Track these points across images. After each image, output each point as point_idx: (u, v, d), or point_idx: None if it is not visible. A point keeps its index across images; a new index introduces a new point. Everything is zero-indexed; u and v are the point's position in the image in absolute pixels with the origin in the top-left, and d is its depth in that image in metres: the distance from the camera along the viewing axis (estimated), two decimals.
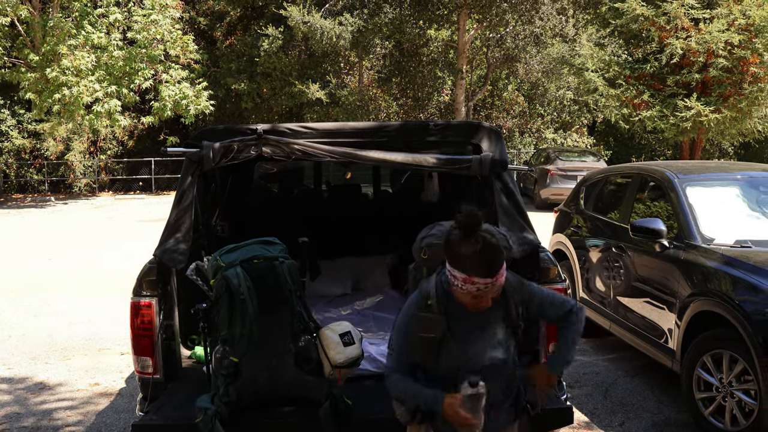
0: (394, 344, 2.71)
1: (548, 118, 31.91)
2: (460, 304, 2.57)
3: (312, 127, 4.17)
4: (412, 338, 2.64)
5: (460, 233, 2.45)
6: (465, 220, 2.44)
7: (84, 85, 21.43)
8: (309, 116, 27.41)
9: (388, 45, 27.65)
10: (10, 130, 29.14)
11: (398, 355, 2.70)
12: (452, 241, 2.47)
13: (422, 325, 2.61)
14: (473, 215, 2.44)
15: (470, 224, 2.44)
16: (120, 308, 6.87)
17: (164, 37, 23.63)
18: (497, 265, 2.46)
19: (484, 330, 2.66)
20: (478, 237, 2.43)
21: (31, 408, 5.80)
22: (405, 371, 2.68)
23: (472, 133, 4.23)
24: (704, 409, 5.02)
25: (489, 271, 2.44)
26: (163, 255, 3.90)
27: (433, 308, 2.62)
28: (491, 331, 2.67)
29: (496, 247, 2.46)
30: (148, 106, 24.63)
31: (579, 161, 21.76)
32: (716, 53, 19.78)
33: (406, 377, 2.67)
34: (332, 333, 3.77)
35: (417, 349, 2.64)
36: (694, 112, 20.09)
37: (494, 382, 2.61)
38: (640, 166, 7.36)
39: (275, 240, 3.83)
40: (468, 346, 2.64)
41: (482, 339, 2.65)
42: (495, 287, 2.49)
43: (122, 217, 20.03)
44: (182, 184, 4.04)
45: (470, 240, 2.43)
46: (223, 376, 3.56)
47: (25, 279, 11.19)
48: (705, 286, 5.10)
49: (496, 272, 2.46)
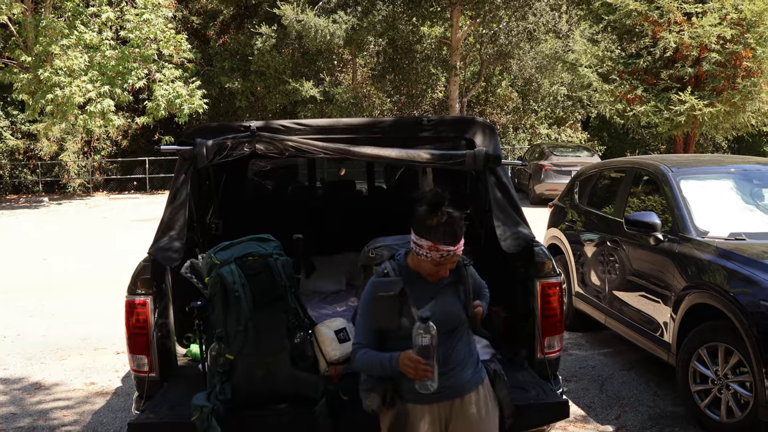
0: (358, 321, 3.03)
1: (542, 114, 31.92)
2: (416, 274, 2.97)
3: (305, 124, 4.17)
4: (373, 306, 2.93)
5: (427, 208, 2.84)
6: (432, 197, 2.86)
7: (77, 85, 21.37)
8: (303, 114, 27.37)
9: (381, 42, 27.62)
10: (4, 131, 29.05)
11: (362, 329, 2.98)
12: (421, 215, 2.86)
13: (381, 287, 2.93)
14: (439, 193, 2.87)
15: (436, 200, 2.84)
16: (115, 307, 6.86)
17: (157, 36, 23.56)
18: (458, 235, 2.85)
19: (437, 299, 2.96)
20: (443, 211, 2.83)
21: (27, 408, 5.79)
22: (369, 344, 2.94)
23: (465, 128, 4.23)
24: (700, 401, 5.03)
25: (452, 240, 2.82)
26: (158, 253, 3.89)
27: (389, 275, 2.98)
28: (444, 299, 2.97)
29: (458, 220, 2.86)
30: (142, 106, 24.57)
31: (573, 156, 21.79)
32: (709, 47, 19.85)
33: (370, 350, 2.93)
34: (327, 330, 3.77)
35: (378, 313, 2.92)
36: (688, 106, 20.16)
37: (448, 338, 2.93)
38: (634, 160, 7.37)
39: (270, 237, 3.83)
40: (423, 310, 2.89)
41: (436, 305, 2.93)
42: (454, 256, 2.86)
43: (117, 217, 20.00)
44: (176, 181, 4.03)
45: (436, 213, 2.82)
46: (219, 374, 3.56)
47: (20, 279, 11.16)
48: (700, 278, 5.11)
49: (457, 241, 2.84)
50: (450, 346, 2.95)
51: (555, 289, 4.01)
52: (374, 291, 2.93)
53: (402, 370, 2.78)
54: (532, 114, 31.96)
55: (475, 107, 32.04)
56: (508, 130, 32.31)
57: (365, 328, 2.97)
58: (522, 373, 4.01)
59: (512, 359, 4.17)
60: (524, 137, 32.41)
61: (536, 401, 3.65)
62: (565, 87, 28.82)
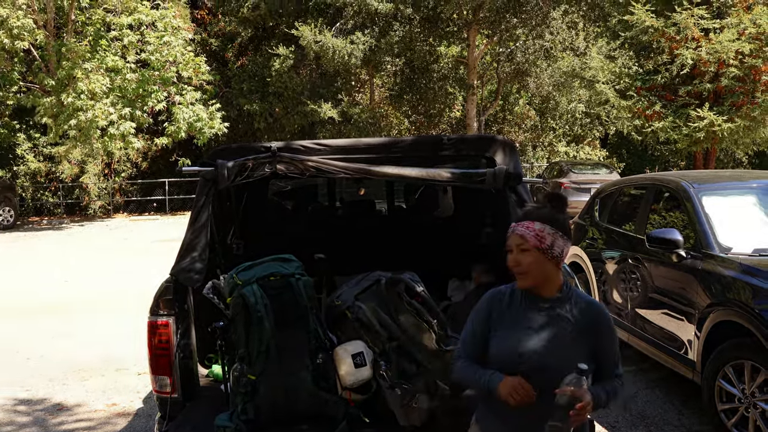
0: (465, 330, 2.82)
1: (560, 132, 31.87)
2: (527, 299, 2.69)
3: (326, 144, 4.18)
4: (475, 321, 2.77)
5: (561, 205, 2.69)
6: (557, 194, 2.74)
7: (99, 108, 21.59)
8: (321, 134, 27.51)
9: (398, 62, 27.76)
10: (26, 154, 29.37)
11: (467, 339, 2.79)
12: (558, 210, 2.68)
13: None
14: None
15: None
16: (137, 328, 6.87)
17: (176, 58, 23.79)
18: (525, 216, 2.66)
19: (543, 330, 2.61)
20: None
21: (50, 429, 5.81)
22: (471, 356, 2.75)
23: (485, 146, 4.22)
24: (727, 420, 4.96)
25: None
26: (180, 274, 3.90)
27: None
28: (552, 333, 2.60)
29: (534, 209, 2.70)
30: (161, 128, 24.77)
31: (592, 174, 21.69)
32: (727, 63, 19.72)
33: (470, 363, 2.73)
34: (345, 353, 3.75)
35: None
36: (707, 122, 20.01)
37: (542, 391, 2.48)
38: (654, 176, 7.34)
39: (291, 257, 3.83)
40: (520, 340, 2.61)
41: (538, 338, 2.59)
42: (514, 236, 2.64)
43: (138, 238, 20.11)
44: (197, 203, 4.05)
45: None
46: (242, 394, 3.56)
47: (42, 301, 11.23)
48: (724, 295, 5.06)
49: (539, 221, 2.61)
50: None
51: None
52: (488, 299, 2.76)
53: (501, 391, 2.52)
54: (550, 132, 31.92)
55: (492, 126, 32.04)
56: (527, 148, 32.26)
57: (470, 339, 2.77)
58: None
59: None
60: (543, 155, 32.34)
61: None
62: (582, 104, 28.78)
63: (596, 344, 2.60)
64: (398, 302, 3.85)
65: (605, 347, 2.63)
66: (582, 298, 2.67)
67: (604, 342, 2.62)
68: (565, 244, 2.61)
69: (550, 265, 2.59)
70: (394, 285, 3.94)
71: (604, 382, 2.64)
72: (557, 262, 2.60)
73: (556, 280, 2.64)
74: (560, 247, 2.59)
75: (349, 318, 3.86)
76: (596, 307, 2.66)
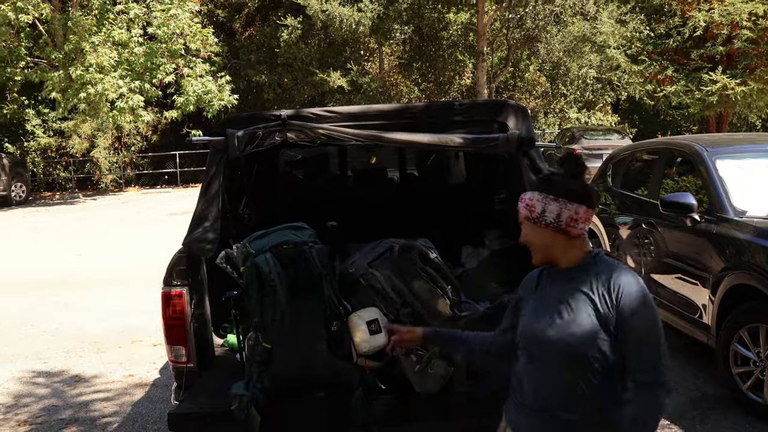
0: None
1: (571, 98, 31.60)
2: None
3: (336, 111, 4.15)
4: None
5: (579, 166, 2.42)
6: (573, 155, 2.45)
7: (108, 82, 21.55)
8: (331, 104, 27.41)
9: (407, 30, 27.52)
10: (36, 129, 29.41)
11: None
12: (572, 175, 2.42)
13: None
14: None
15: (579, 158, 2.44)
16: (151, 300, 6.92)
17: (184, 31, 23.67)
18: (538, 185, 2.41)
19: (554, 305, 2.34)
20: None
21: (68, 400, 5.86)
22: (500, 331, 2.66)
23: (497, 111, 4.18)
24: (742, 383, 4.96)
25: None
26: (192, 244, 3.90)
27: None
28: (563, 308, 2.31)
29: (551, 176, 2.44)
30: (170, 101, 24.73)
31: (604, 140, 21.54)
32: (740, 24, 19.47)
33: (486, 335, 2.72)
34: (360, 320, 3.74)
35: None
36: (720, 85, 19.84)
37: (548, 373, 2.31)
38: (667, 140, 7.27)
39: (304, 225, 3.82)
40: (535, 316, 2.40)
41: (548, 314, 2.35)
42: (520, 207, 2.39)
43: (150, 211, 20.18)
44: (208, 173, 4.04)
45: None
46: (257, 363, 3.56)
47: (57, 275, 11.31)
48: (738, 259, 5.03)
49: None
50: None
51: None
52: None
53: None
54: (561, 98, 31.67)
55: (503, 93, 31.83)
56: (538, 115, 32.05)
57: (506, 313, 2.64)
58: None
59: None
60: (554, 121, 32.12)
61: None
62: (593, 69, 28.51)
63: (618, 325, 2.21)
64: (412, 269, 3.84)
65: (627, 332, 2.20)
66: (607, 268, 2.29)
67: (626, 324, 2.19)
68: (562, 208, 2.29)
69: (548, 233, 2.33)
70: (408, 252, 3.92)
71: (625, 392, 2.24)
72: (557, 228, 2.31)
73: (571, 250, 2.34)
74: (553, 212, 2.30)
75: (362, 285, 3.85)
76: (621, 279, 2.24)
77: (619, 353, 2.21)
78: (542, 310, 2.36)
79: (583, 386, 2.23)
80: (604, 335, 2.21)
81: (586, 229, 2.36)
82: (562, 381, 2.26)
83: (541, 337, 2.30)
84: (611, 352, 2.21)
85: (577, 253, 2.35)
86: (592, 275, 2.30)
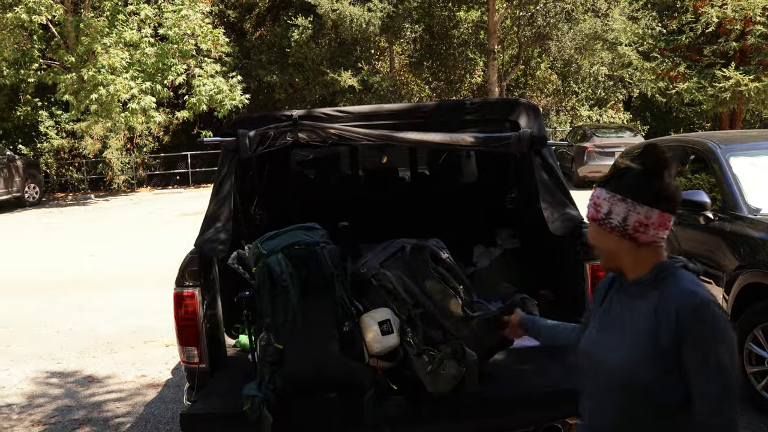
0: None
1: (583, 95, 31.47)
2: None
3: (347, 111, 4.14)
4: None
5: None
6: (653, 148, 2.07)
7: (120, 83, 21.64)
8: (342, 104, 27.40)
9: (417, 29, 27.49)
10: (49, 131, 29.55)
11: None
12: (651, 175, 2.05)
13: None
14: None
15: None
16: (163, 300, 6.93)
17: (195, 31, 23.74)
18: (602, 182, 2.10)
19: (610, 322, 2.12)
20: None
21: (81, 401, 5.89)
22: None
23: (509, 110, 4.16)
24: (756, 383, 4.92)
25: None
26: (204, 245, 3.90)
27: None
28: (619, 326, 2.08)
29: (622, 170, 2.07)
30: (182, 101, 24.79)
31: (616, 137, 21.41)
32: (754, 20, 19.35)
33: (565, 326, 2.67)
34: (371, 320, 3.73)
35: None
36: (733, 81, 19.72)
37: (601, 395, 2.11)
38: (680, 137, 7.24)
39: (316, 226, 3.81)
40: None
41: (602, 332, 2.14)
42: (588, 205, 2.11)
43: (162, 212, 20.24)
44: (220, 173, 4.05)
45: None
46: (269, 364, 3.55)
47: (70, 275, 11.37)
48: (753, 257, 4.99)
49: (599, 186, 2.09)
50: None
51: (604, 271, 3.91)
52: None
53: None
54: (573, 96, 31.54)
55: (514, 91, 31.74)
56: (549, 113, 31.94)
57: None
58: (573, 358, 3.93)
59: None
60: (565, 119, 32.00)
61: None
62: (605, 67, 28.38)
63: (682, 354, 1.91)
64: (424, 269, 3.83)
65: (691, 363, 1.90)
66: (678, 289, 1.96)
67: (690, 355, 1.90)
68: (630, 210, 1.98)
69: (613, 237, 2.04)
70: (420, 252, 3.91)
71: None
72: (623, 233, 2.01)
73: (639, 260, 2.04)
74: (620, 214, 2.00)
75: (374, 285, 3.84)
76: (689, 302, 1.92)
77: (683, 389, 1.93)
78: (603, 326, 2.13)
79: (634, 417, 2.00)
80: (662, 367, 1.93)
81: (663, 236, 2.02)
82: (613, 408, 2.06)
83: (596, 357, 2.10)
84: (671, 386, 1.94)
85: (646, 265, 2.04)
86: (658, 295, 1.99)
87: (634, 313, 2.03)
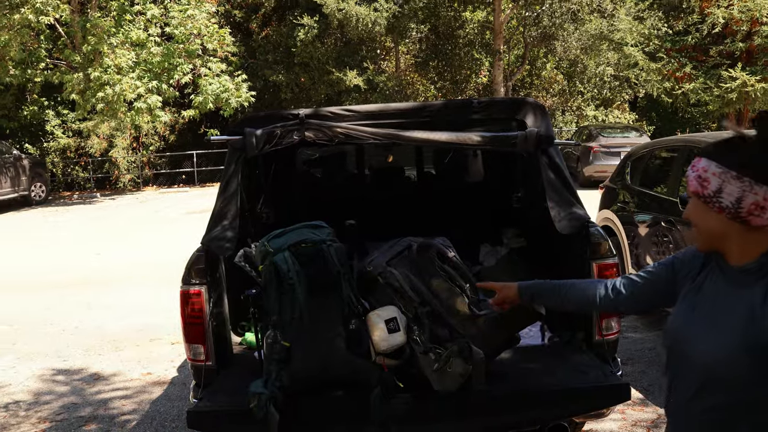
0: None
1: (588, 96, 31.44)
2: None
3: (354, 110, 4.15)
4: None
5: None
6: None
7: (126, 82, 21.68)
8: (348, 103, 27.39)
9: (423, 29, 27.51)
10: (55, 130, 29.62)
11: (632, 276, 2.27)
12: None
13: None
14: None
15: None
16: (169, 299, 6.95)
17: (201, 31, 23.76)
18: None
19: (707, 308, 1.89)
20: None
21: (87, 398, 5.90)
22: (622, 284, 2.27)
23: (516, 109, 4.16)
24: None
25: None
26: (211, 243, 3.91)
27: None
28: (717, 314, 1.85)
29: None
30: (188, 101, 24.82)
31: (622, 137, 21.37)
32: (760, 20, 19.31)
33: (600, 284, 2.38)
34: (378, 318, 3.73)
35: None
36: (740, 82, 19.69)
37: (685, 385, 1.92)
38: (686, 138, 7.22)
39: (322, 224, 3.82)
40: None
41: (698, 318, 1.90)
42: (690, 177, 1.83)
43: (168, 210, 20.26)
44: (226, 172, 4.05)
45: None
46: (275, 361, 3.56)
47: (76, 274, 11.39)
48: None
49: (705, 155, 1.81)
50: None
51: (611, 270, 3.91)
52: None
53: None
54: (579, 96, 31.52)
55: (520, 91, 31.72)
56: (555, 113, 31.91)
57: (641, 274, 2.21)
58: (581, 356, 3.93)
59: (569, 341, 4.11)
60: (571, 119, 31.98)
61: (597, 384, 3.58)
62: (611, 67, 28.35)
63: None
64: (430, 267, 3.83)
65: None
66: None
67: None
68: (746, 190, 1.72)
69: (720, 218, 1.79)
70: (426, 250, 3.91)
71: None
72: (734, 215, 1.76)
73: (747, 244, 1.80)
74: (733, 194, 1.73)
75: (381, 284, 3.85)
76: None
77: None
78: (696, 311, 1.90)
79: (724, 410, 1.82)
80: (760, 368, 1.73)
81: None
82: (697, 402, 1.87)
83: (685, 345, 1.90)
84: (764, 381, 1.74)
85: (755, 250, 1.80)
86: (765, 285, 1.77)
87: (734, 305, 1.81)
